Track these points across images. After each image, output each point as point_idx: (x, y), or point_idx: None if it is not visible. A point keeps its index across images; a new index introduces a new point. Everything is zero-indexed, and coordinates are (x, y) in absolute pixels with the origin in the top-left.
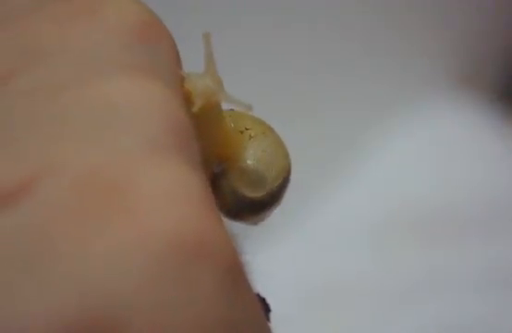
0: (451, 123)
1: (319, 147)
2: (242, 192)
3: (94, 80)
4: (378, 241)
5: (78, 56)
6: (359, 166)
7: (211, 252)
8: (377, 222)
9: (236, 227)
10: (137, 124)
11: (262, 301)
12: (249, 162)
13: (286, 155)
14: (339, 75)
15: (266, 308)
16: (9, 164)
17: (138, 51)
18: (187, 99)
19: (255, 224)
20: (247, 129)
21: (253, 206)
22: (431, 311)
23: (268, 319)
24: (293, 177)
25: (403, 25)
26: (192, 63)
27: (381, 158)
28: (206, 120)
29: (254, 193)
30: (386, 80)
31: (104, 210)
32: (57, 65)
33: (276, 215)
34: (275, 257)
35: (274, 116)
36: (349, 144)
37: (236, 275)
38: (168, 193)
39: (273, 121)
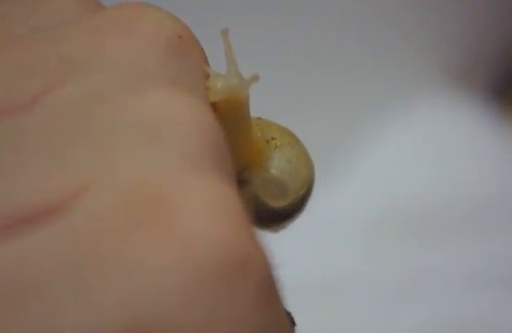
0: (446, 121)
1: (313, 145)
2: (265, 201)
3: (131, 93)
4: (373, 239)
5: (115, 69)
6: (352, 164)
7: (250, 269)
8: (372, 220)
9: None
10: (177, 138)
11: (288, 315)
12: (273, 171)
13: (311, 167)
14: (333, 73)
15: (292, 322)
16: (56, 174)
17: (173, 65)
18: (215, 108)
19: (275, 232)
20: (273, 139)
21: (275, 215)
22: (427, 309)
23: None
24: None
25: (399, 24)
26: None
27: (375, 156)
28: (234, 128)
29: (277, 203)
30: (381, 78)
31: (149, 225)
32: (94, 78)
33: None
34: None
35: (268, 114)
36: (344, 142)
37: (270, 290)
38: (210, 208)
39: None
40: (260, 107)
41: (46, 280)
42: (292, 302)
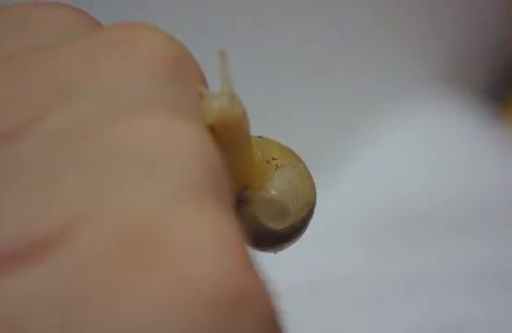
0: (442, 123)
1: (307, 146)
2: (264, 223)
3: (126, 121)
4: (371, 240)
5: (108, 95)
6: (349, 165)
7: (251, 310)
8: (369, 221)
9: None
10: (176, 169)
11: None
12: (273, 193)
13: (313, 187)
14: (328, 74)
15: None
16: (44, 210)
17: (171, 89)
18: (212, 130)
19: (274, 253)
20: (274, 159)
21: (274, 238)
22: (424, 310)
23: None
24: None
25: (396, 26)
26: None
27: (371, 157)
28: (233, 148)
29: (276, 225)
30: (377, 80)
31: (140, 267)
32: (87, 103)
33: None
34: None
35: (265, 114)
36: (339, 143)
37: (273, 329)
38: (207, 246)
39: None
40: (260, 107)
41: (32, 326)
42: (289, 303)
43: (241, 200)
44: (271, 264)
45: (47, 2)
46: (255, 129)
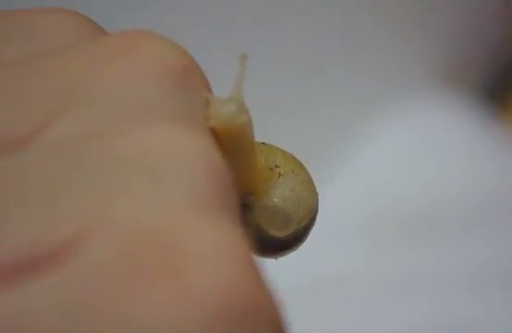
0: (440, 122)
1: (305, 145)
2: (266, 230)
3: (131, 129)
4: (369, 240)
5: (114, 103)
6: (347, 165)
7: (257, 323)
8: (368, 221)
9: None
10: (181, 177)
11: None
12: (275, 200)
13: (315, 195)
14: (327, 74)
15: None
16: (52, 219)
17: (177, 98)
18: (216, 137)
19: (275, 259)
20: (277, 167)
21: (276, 245)
22: (423, 310)
23: None
24: None
25: (396, 25)
26: None
27: (369, 157)
28: (237, 155)
29: (278, 233)
30: (376, 80)
31: (150, 275)
32: (91, 112)
33: None
34: None
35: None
36: (338, 143)
37: None
38: (213, 257)
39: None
40: (260, 107)
41: None
42: (288, 303)
43: (244, 205)
44: (270, 264)
45: (49, 7)
46: (254, 130)
